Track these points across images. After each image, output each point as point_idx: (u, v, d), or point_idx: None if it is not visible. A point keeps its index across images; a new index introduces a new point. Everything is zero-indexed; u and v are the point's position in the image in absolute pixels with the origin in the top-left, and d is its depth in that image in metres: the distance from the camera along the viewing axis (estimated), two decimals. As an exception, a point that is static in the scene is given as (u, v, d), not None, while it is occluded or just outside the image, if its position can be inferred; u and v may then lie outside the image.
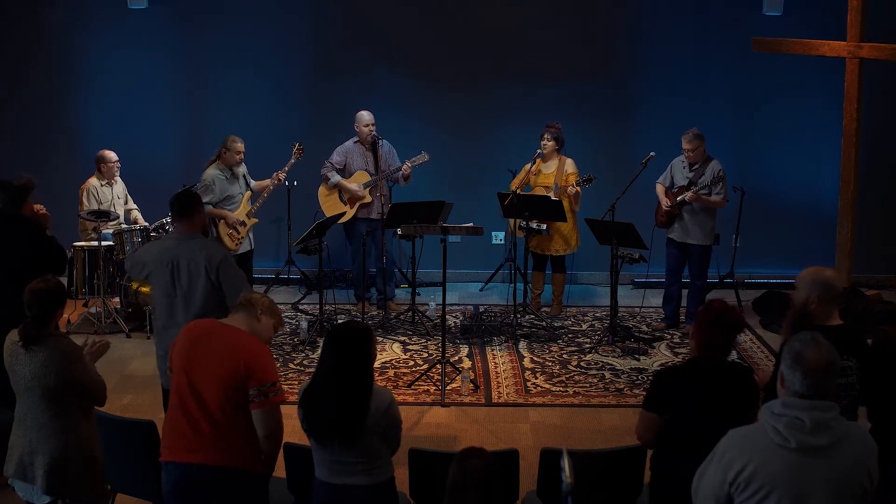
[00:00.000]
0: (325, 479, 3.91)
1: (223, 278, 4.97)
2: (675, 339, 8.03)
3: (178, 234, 5.13)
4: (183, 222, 5.12)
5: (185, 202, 5.14)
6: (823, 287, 4.13)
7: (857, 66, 7.87)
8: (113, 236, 8.29)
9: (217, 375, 3.88)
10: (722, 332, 3.98)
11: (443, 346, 7.01)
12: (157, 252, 5.09)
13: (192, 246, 5.01)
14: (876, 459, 3.14)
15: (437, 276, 8.52)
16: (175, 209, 5.15)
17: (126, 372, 7.22)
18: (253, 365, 3.87)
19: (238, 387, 3.87)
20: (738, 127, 9.57)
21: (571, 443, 5.98)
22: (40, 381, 4.13)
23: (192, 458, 3.93)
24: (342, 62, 9.49)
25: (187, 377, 3.94)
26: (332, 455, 3.86)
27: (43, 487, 4.18)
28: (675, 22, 9.40)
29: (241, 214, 8.02)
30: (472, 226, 7.14)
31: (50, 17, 9.49)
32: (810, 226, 9.46)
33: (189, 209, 5.12)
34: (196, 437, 3.91)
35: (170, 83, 9.58)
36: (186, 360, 3.95)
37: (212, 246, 5.13)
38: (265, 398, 3.88)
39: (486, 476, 3.41)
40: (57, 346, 4.16)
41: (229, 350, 3.91)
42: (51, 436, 4.17)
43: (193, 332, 4.04)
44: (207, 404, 3.90)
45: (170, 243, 5.10)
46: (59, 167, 9.37)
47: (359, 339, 3.87)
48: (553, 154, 8.36)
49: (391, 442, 3.98)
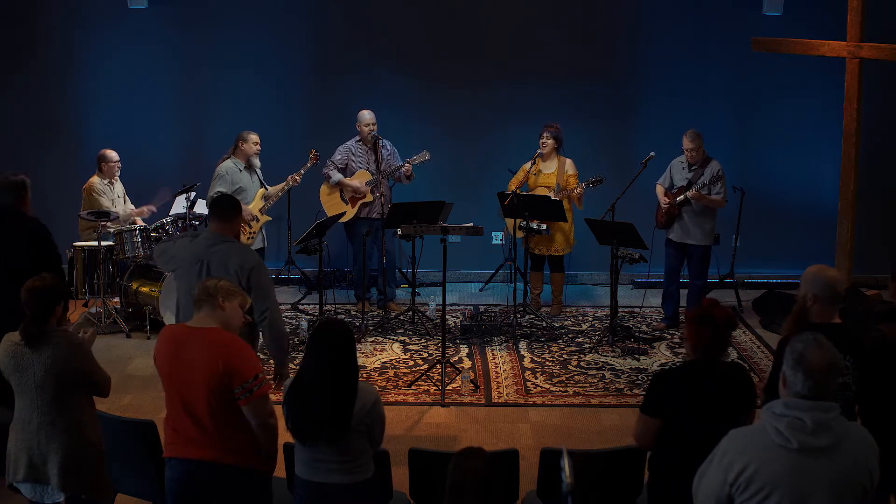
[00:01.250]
0: (307, 478, 3.90)
1: (254, 284, 4.92)
2: (675, 339, 8.02)
3: (211, 234, 5.09)
4: (220, 223, 5.09)
5: (226, 205, 5.16)
6: (822, 286, 4.14)
7: (857, 66, 7.86)
8: (113, 236, 8.30)
9: (201, 381, 3.88)
10: (710, 331, 3.95)
11: (443, 346, 7.01)
12: (189, 249, 5.06)
13: (224, 249, 4.98)
14: (877, 459, 3.14)
15: (437, 276, 8.52)
16: (215, 209, 5.16)
17: (126, 372, 7.22)
18: (231, 363, 3.86)
19: (223, 387, 3.86)
20: (738, 127, 9.57)
21: (571, 443, 5.97)
22: (55, 378, 4.13)
23: (193, 455, 3.94)
24: (342, 62, 9.49)
25: (176, 383, 3.95)
26: (315, 454, 3.86)
27: (59, 485, 4.18)
28: (675, 22, 9.40)
29: (254, 209, 8.00)
30: (472, 226, 7.14)
31: (50, 16, 9.48)
32: (810, 226, 9.45)
33: (229, 213, 5.12)
34: (197, 434, 3.93)
35: (170, 83, 9.58)
36: (172, 368, 3.96)
37: (244, 251, 5.12)
38: (250, 394, 3.88)
39: (485, 476, 3.41)
40: (65, 340, 4.18)
41: (205, 354, 3.89)
42: (62, 433, 4.17)
43: (173, 340, 4.01)
44: (199, 408, 3.90)
45: (202, 243, 5.06)
46: (59, 167, 9.36)
47: (344, 337, 3.86)
48: (552, 154, 8.36)
49: (375, 439, 3.96)
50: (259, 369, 3.95)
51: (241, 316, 4.12)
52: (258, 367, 3.97)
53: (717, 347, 4.00)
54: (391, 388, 6.96)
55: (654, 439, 4.02)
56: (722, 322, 3.98)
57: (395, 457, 4.55)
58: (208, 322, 4.01)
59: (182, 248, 5.14)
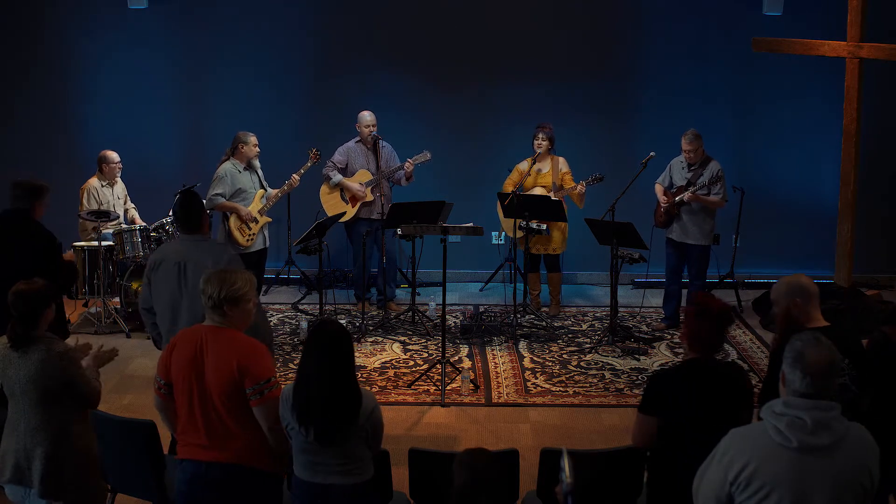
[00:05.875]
0: (306, 479, 3.91)
1: None
2: (675, 339, 8.02)
3: (184, 235, 5.08)
4: (186, 225, 5.06)
5: (185, 207, 5.06)
6: (799, 290, 4.17)
7: (857, 66, 7.87)
8: (113, 236, 8.30)
9: (214, 381, 3.91)
10: (707, 324, 3.94)
11: (443, 346, 7.01)
12: (171, 251, 5.04)
13: (200, 248, 4.96)
14: (877, 459, 3.14)
15: (437, 276, 8.52)
16: (177, 215, 5.12)
17: (126, 372, 7.22)
18: (246, 364, 3.88)
19: (237, 388, 3.89)
20: (738, 127, 9.57)
21: (571, 443, 5.98)
22: (37, 384, 4.11)
23: (205, 456, 3.95)
24: (342, 62, 9.49)
25: (190, 383, 3.95)
26: (315, 456, 3.87)
27: (39, 491, 4.16)
28: (675, 22, 9.40)
29: (253, 210, 7.96)
30: (472, 226, 7.14)
31: (50, 17, 9.49)
32: (810, 226, 9.46)
33: (190, 214, 5.03)
34: (208, 435, 3.94)
35: (170, 83, 9.59)
36: (188, 368, 3.95)
37: (217, 248, 5.10)
38: (261, 396, 3.89)
39: (497, 476, 3.42)
40: (52, 349, 4.15)
41: (220, 354, 3.92)
42: (45, 439, 4.15)
43: (190, 341, 4.00)
44: (216, 407, 3.93)
45: (179, 244, 5.08)
46: (59, 167, 9.35)
47: (340, 338, 3.86)
48: (546, 154, 8.37)
49: (374, 444, 3.98)
50: (272, 372, 3.96)
51: (251, 316, 4.10)
52: (272, 370, 3.98)
53: (713, 341, 3.98)
54: (391, 388, 6.96)
55: (652, 439, 4.02)
56: (718, 314, 3.97)
57: (395, 457, 4.55)
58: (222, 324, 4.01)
59: (163, 251, 5.09)
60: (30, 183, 5.86)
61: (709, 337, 3.96)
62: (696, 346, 3.99)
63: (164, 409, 4.09)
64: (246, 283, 4.01)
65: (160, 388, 4.05)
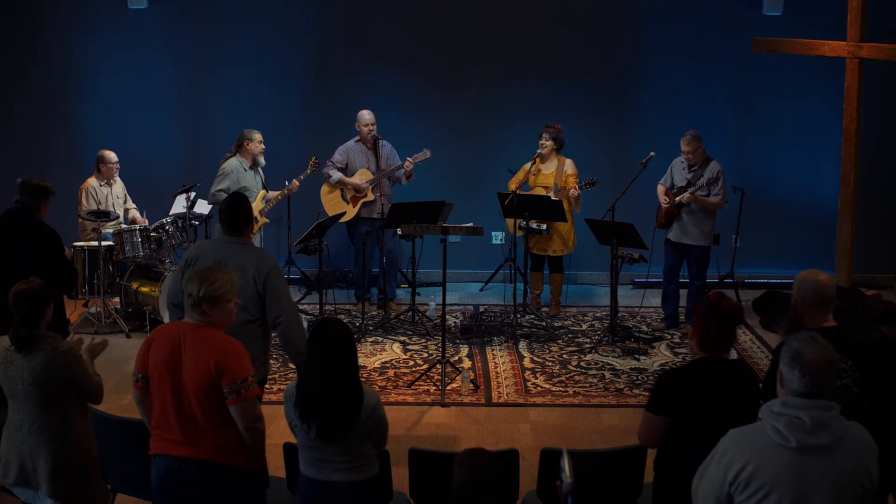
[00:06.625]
0: (311, 476, 3.92)
1: (269, 288, 4.84)
2: (674, 339, 8.02)
3: (227, 237, 5.00)
4: (230, 226, 4.99)
5: (237, 208, 5.01)
6: (809, 290, 4.14)
7: (857, 66, 7.87)
8: (113, 236, 8.30)
9: (191, 378, 3.91)
10: (719, 323, 3.92)
11: (443, 346, 7.01)
12: (208, 250, 4.99)
13: (242, 251, 4.91)
14: (876, 459, 3.14)
15: (437, 276, 8.52)
16: (225, 214, 5.00)
17: (126, 372, 7.21)
18: (224, 363, 3.88)
19: (213, 386, 3.89)
20: (738, 127, 9.57)
21: (571, 443, 5.98)
22: (41, 384, 4.11)
23: (179, 452, 3.95)
24: (342, 62, 9.49)
25: (167, 380, 3.95)
26: (319, 453, 3.88)
27: (48, 491, 4.17)
28: (675, 22, 9.40)
29: (254, 210, 7.95)
30: (472, 226, 7.15)
31: (50, 17, 9.49)
32: (810, 226, 9.46)
33: (239, 216, 5.00)
34: (184, 432, 3.94)
35: (170, 83, 9.59)
36: (166, 365, 3.95)
37: (260, 255, 5.03)
38: (238, 395, 3.89)
39: (496, 476, 3.42)
40: (55, 347, 4.15)
41: (198, 351, 3.92)
42: (50, 439, 4.16)
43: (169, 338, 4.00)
44: (188, 405, 3.93)
45: (219, 245, 5.00)
46: (59, 167, 9.34)
47: (343, 337, 3.86)
48: (552, 154, 8.36)
49: (378, 441, 3.99)
50: (250, 372, 3.96)
51: (231, 315, 4.08)
52: (249, 369, 3.97)
53: (722, 341, 3.95)
54: (391, 388, 6.96)
55: (659, 438, 3.99)
56: (729, 314, 3.95)
57: (395, 457, 4.55)
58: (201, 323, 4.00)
59: (202, 249, 5.03)
60: (39, 183, 5.92)
61: (718, 336, 3.94)
62: (705, 345, 3.96)
63: (142, 403, 4.11)
64: (226, 283, 4.00)
65: (138, 381, 4.07)
